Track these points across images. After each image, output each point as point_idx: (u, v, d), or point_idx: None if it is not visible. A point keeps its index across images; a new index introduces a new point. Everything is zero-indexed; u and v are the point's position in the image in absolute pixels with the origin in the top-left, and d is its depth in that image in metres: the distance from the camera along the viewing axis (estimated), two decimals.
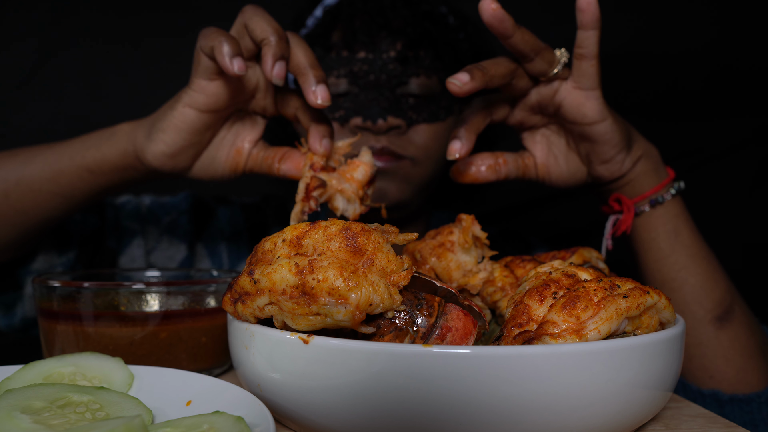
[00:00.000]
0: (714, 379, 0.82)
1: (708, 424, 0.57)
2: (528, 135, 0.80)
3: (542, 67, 0.71)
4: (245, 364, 0.54)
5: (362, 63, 0.99)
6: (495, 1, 0.65)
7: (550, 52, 0.71)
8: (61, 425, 0.46)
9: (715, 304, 0.81)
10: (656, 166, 0.80)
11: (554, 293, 0.53)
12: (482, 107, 0.75)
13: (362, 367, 0.47)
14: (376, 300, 0.49)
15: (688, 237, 0.82)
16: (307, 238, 0.52)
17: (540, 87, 0.74)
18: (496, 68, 0.69)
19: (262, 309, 0.52)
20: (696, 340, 0.82)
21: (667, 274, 0.82)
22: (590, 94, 0.72)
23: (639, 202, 0.80)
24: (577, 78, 0.72)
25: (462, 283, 0.66)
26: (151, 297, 0.68)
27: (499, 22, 0.66)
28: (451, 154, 0.72)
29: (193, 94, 0.73)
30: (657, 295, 0.53)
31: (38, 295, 0.71)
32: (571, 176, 0.79)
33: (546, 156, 0.79)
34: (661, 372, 0.51)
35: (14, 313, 0.98)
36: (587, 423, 0.48)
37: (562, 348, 0.47)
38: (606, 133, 0.74)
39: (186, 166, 0.78)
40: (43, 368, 0.56)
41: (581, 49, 0.71)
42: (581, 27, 0.70)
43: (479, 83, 0.67)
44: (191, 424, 0.47)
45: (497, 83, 0.70)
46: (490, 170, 0.78)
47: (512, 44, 0.68)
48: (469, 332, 0.53)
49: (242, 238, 1.17)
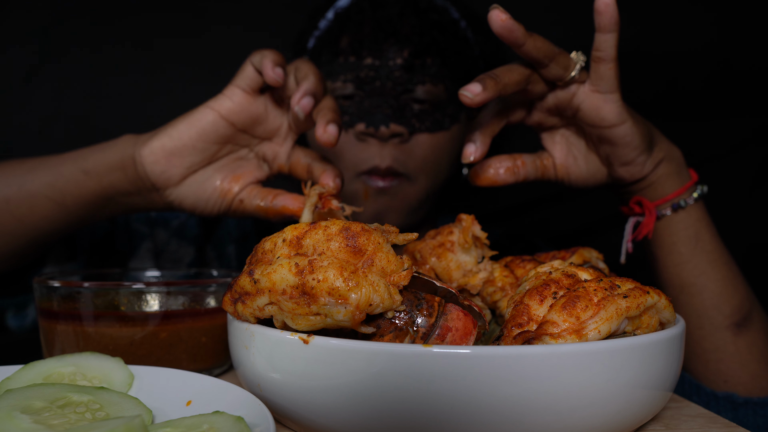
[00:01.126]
0: (728, 384, 0.82)
1: (708, 424, 0.57)
2: (547, 135, 0.79)
3: (558, 72, 0.69)
4: (245, 364, 0.54)
5: (369, 69, 0.99)
6: (503, 11, 0.64)
7: (565, 56, 0.69)
8: (61, 425, 0.46)
9: (733, 310, 0.80)
10: (679, 168, 0.78)
11: (554, 293, 0.53)
12: (497, 110, 0.74)
13: (362, 367, 0.47)
14: (376, 300, 0.49)
15: (710, 242, 0.80)
16: (307, 238, 0.52)
17: (557, 91, 0.72)
18: (510, 76, 0.68)
19: (262, 309, 0.52)
20: (713, 346, 0.81)
21: (687, 279, 0.81)
22: (609, 98, 0.71)
23: (661, 206, 0.79)
24: (595, 81, 0.71)
25: (462, 283, 0.66)
26: (151, 297, 0.68)
27: (509, 32, 0.64)
28: (466, 157, 0.71)
29: (221, 98, 0.74)
30: (657, 295, 0.53)
31: (38, 295, 0.71)
32: (591, 176, 0.78)
33: (565, 157, 0.78)
34: (661, 372, 0.51)
35: (26, 314, 0.99)
36: (587, 423, 0.48)
37: (562, 348, 0.47)
38: (626, 136, 0.72)
39: (176, 175, 0.74)
40: (43, 368, 0.56)
41: (599, 52, 0.69)
42: (599, 30, 0.68)
43: (492, 92, 0.65)
44: (191, 424, 0.47)
45: (511, 90, 0.68)
46: (508, 172, 0.76)
47: (525, 52, 0.66)
48: (469, 332, 0.53)
49: (250, 240, 1.18)
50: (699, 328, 0.81)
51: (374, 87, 0.99)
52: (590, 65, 0.71)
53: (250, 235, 1.18)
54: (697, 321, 0.81)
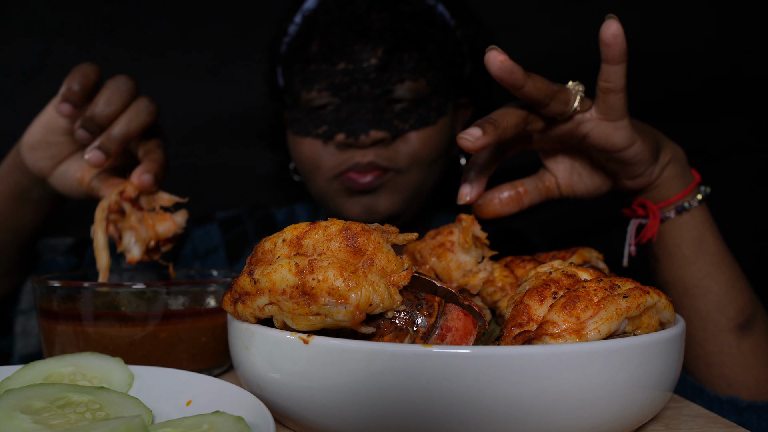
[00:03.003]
0: (732, 387, 0.81)
1: (708, 424, 0.57)
2: (549, 156, 0.77)
3: (558, 108, 0.66)
4: (245, 364, 0.54)
5: (343, 74, 0.96)
6: (501, 52, 0.61)
7: (564, 91, 0.66)
8: (61, 425, 0.46)
9: (737, 312, 0.79)
10: (683, 169, 0.77)
11: (554, 293, 0.53)
12: (493, 148, 0.72)
13: (362, 367, 0.47)
14: (376, 300, 0.49)
15: (714, 244, 0.79)
16: (307, 238, 0.52)
17: (560, 124, 0.70)
18: (508, 119, 0.65)
19: (262, 309, 0.52)
20: (716, 348, 0.80)
21: (690, 281, 0.80)
22: (619, 125, 0.69)
23: (665, 208, 0.77)
24: (604, 111, 0.68)
25: (462, 283, 0.66)
26: (151, 297, 0.68)
27: (509, 74, 0.61)
28: (461, 199, 0.70)
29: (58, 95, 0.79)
30: (657, 295, 0.53)
31: (38, 295, 0.71)
32: (596, 190, 0.77)
33: (569, 175, 0.76)
34: (661, 372, 0.51)
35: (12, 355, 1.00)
36: (587, 423, 0.48)
37: (562, 348, 0.47)
38: (636, 156, 0.71)
39: (46, 167, 0.84)
40: (43, 368, 0.56)
41: (608, 83, 0.66)
42: (607, 61, 0.65)
43: (492, 138, 0.63)
44: (191, 424, 0.47)
45: (511, 134, 0.66)
46: (512, 202, 0.74)
47: (525, 94, 0.63)
48: (469, 332, 0.53)
49: (218, 253, 1.17)
50: (702, 331, 0.80)
51: (351, 92, 0.95)
52: (597, 95, 0.68)
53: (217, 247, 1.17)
54: (701, 323, 0.80)
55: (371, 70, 0.96)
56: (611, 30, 0.64)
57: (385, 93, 0.96)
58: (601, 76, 0.67)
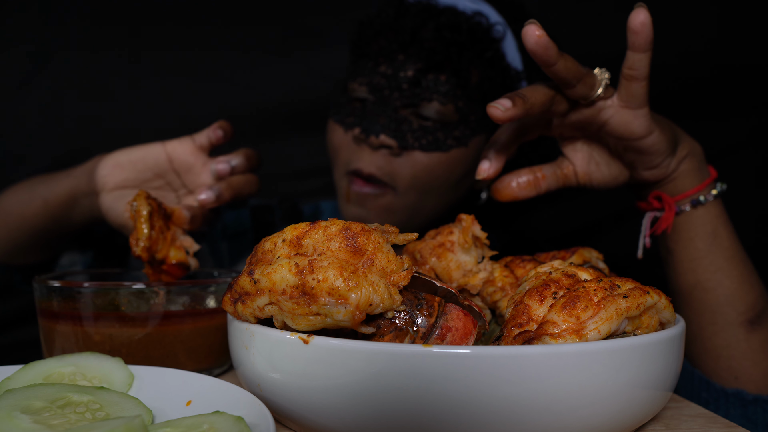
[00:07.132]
0: (739, 380, 0.81)
1: (708, 424, 0.57)
2: (568, 143, 0.78)
3: (584, 91, 0.68)
4: (245, 364, 0.54)
5: (381, 76, 0.99)
6: (540, 27, 0.62)
7: (591, 75, 0.68)
8: (61, 425, 0.46)
9: (748, 307, 0.80)
10: (700, 164, 0.79)
11: (554, 293, 0.53)
12: (515, 128, 0.74)
13: (362, 367, 0.47)
14: (376, 300, 0.49)
15: (727, 239, 0.80)
16: (307, 238, 0.52)
17: (581, 108, 0.71)
18: (536, 95, 0.67)
19: (262, 309, 0.52)
20: (725, 342, 0.81)
21: (702, 275, 0.81)
22: (639, 113, 0.70)
23: (680, 201, 0.79)
24: (626, 98, 0.70)
25: (462, 283, 0.66)
26: (151, 297, 0.69)
27: (544, 50, 0.62)
28: (480, 174, 0.72)
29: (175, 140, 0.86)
30: (657, 295, 0.53)
31: (38, 295, 0.71)
32: (613, 180, 0.78)
33: (587, 164, 0.77)
34: (661, 372, 0.51)
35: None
36: (587, 423, 0.48)
37: (562, 348, 0.47)
38: (653, 145, 0.72)
39: (111, 183, 0.86)
40: (43, 368, 0.56)
41: (632, 71, 0.68)
42: (633, 49, 0.67)
43: (520, 111, 0.64)
44: (191, 424, 0.47)
45: (537, 111, 0.67)
46: (529, 186, 0.75)
47: (555, 72, 0.65)
48: (469, 332, 0.53)
49: (246, 236, 1.19)
50: (712, 324, 0.81)
51: (382, 95, 0.98)
52: (620, 82, 0.69)
53: (247, 231, 1.19)
54: (711, 317, 0.81)
55: (405, 81, 0.97)
56: (640, 18, 0.65)
57: (411, 106, 0.98)
58: (626, 64, 0.68)
